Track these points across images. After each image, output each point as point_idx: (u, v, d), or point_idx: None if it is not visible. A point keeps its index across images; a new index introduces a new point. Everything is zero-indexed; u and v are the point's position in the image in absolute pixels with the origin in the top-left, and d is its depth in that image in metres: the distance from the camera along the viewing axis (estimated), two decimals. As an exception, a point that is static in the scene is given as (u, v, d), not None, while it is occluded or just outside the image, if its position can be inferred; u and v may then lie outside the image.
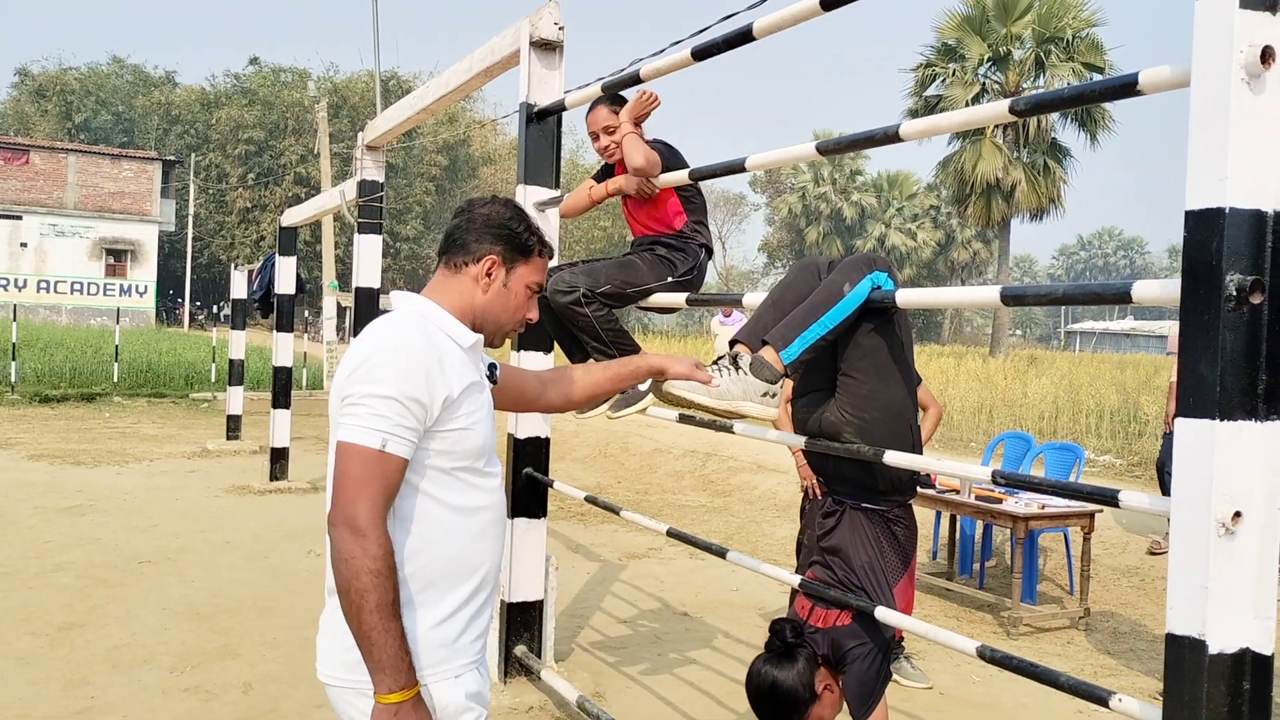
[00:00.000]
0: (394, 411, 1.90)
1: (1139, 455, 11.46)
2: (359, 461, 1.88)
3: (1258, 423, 1.74)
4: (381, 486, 1.89)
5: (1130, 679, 5.31)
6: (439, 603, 2.00)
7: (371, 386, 1.90)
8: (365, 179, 7.64)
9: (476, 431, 2.03)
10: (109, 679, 4.71)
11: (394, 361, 1.93)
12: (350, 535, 1.85)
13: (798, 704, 2.79)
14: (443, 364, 1.97)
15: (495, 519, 2.11)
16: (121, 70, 60.00)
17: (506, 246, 2.12)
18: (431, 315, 2.07)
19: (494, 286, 2.12)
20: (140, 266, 45.06)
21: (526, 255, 2.14)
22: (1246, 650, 1.75)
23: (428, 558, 1.99)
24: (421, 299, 2.10)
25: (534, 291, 2.19)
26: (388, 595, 1.85)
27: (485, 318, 2.13)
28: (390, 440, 1.89)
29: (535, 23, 4.57)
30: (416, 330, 2.00)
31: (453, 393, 1.97)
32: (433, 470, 1.99)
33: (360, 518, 1.86)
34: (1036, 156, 27.58)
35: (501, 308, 2.14)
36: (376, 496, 1.88)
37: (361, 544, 1.85)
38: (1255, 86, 1.71)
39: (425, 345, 1.97)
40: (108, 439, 13.01)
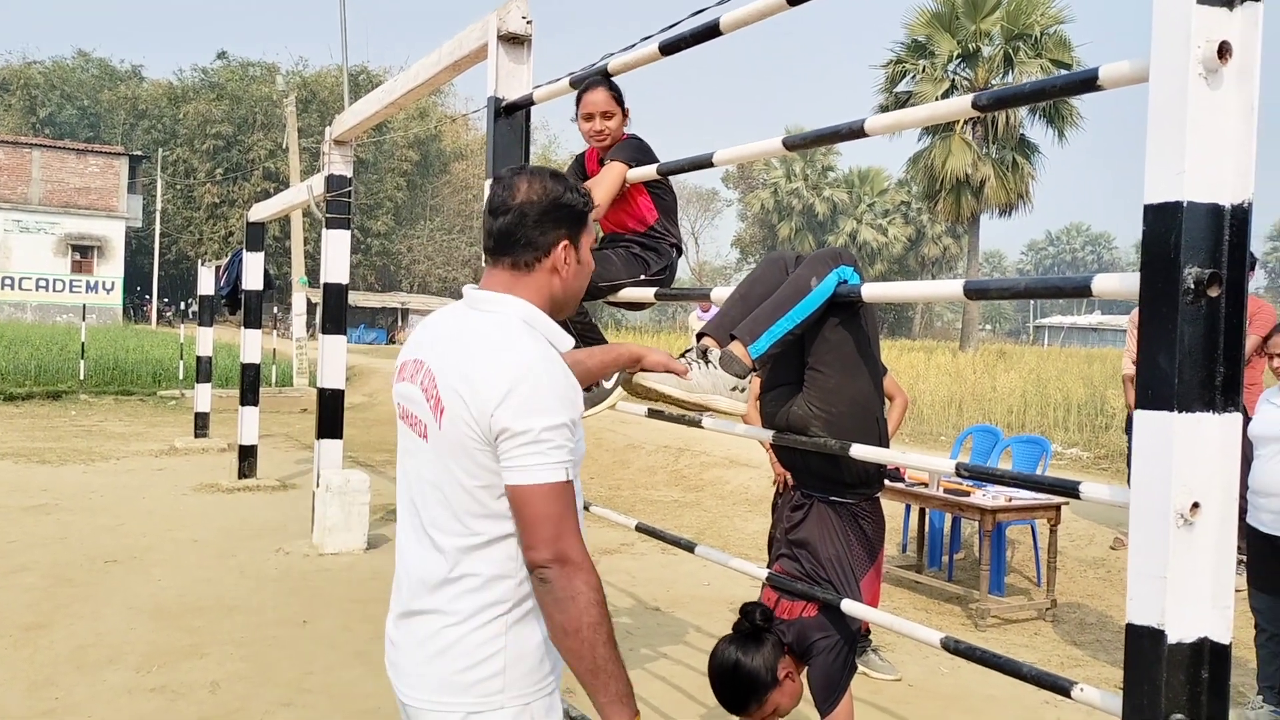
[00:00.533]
0: (566, 438, 1.84)
1: (1105, 448, 11.58)
2: (553, 498, 1.82)
3: (1215, 414, 1.75)
4: (575, 516, 1.85)
5: (1096, 669, 5.37)
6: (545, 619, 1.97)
7: (543, 418, 1.81)
8: (333, 174, 7.59)
9: (582, 434, 1.98)
10: (74, 679, 4.66)
11: (551, 385, 1.85)
12: (570, 571, 1.81)
13: (757, 687, 2.79)
14: (570, 374, 1.91)
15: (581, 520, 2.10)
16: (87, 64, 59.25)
17: (570, 225, 1.99)
18: (535, 320, 1.96)
19: (573, 269, 2.01)
20: (107, 263, 44.55)
21: (585, 222, 2.03)
22: (1205, 639, 1.77)
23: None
24: (519, 302, 1.96)
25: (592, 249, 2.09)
26: (610, 624, 1.84)
27: (568, 300, 2.05)
28: (570, 467, 1.86)
29: (503, 16, 4.54)
30: (539, 343, 1.91)
31: (580, 403, 1.92)
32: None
33: (574, 551, 1.82)
34: (1005, 153, 27.81)
35: (581, 283, 2.06)
36: (577, 526, 1.85)
37: (584, 577, 1.82)
38: (1212, 81, 1.73)
39: (557, 357, 1.92)
40: (74, 437, 12.86)
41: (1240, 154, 1.76)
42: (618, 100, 3.72)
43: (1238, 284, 1.75)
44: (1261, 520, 4.56)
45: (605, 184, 3.60)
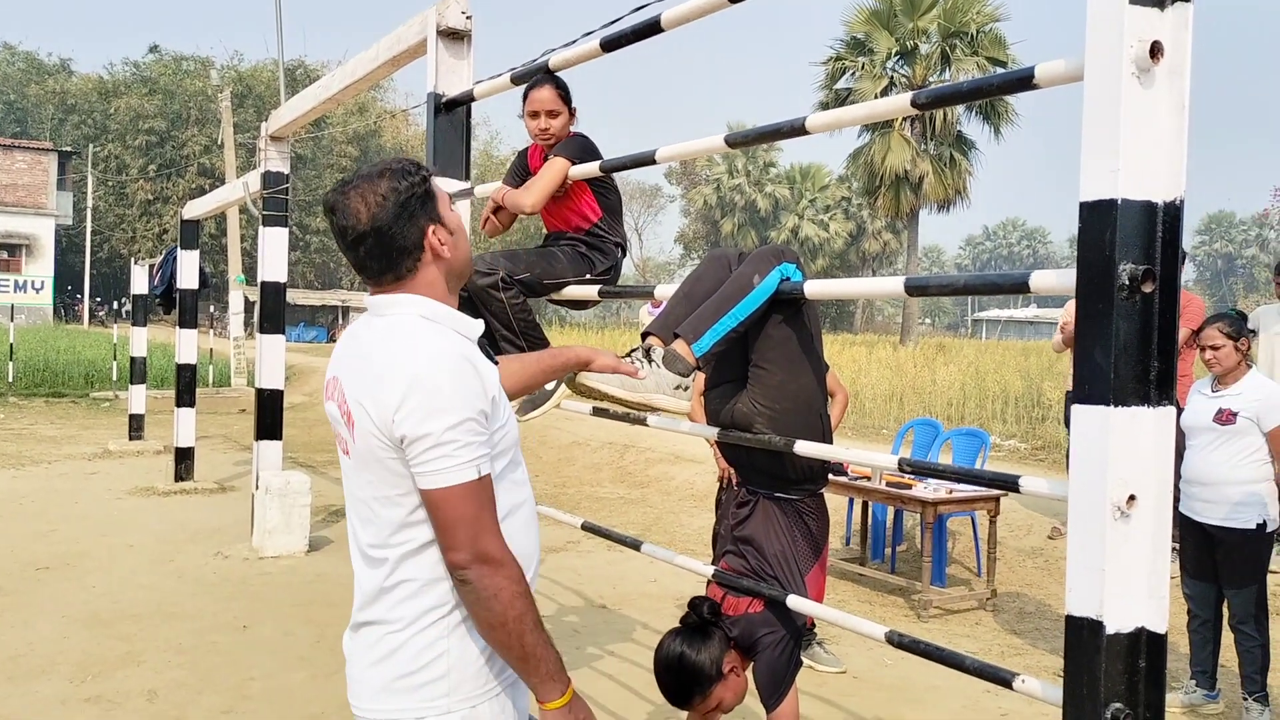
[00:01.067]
0: (473, 434, 1.81)
1: (1042, 439, 11.80)
2: (466, 498, 1.81)
3: (1150, 408, 1.78)
4: (491, 511, 1.84)
5: (1036, 658, 5.46)
6: None
7: (440, 420, 1.78)
8: (270, 170, 7.46)
9: (510, 425, 1.95)
10: (5, 691, 4.53)
11: (449, 382, 1.80)
12: (490, 570, 1.81)
13: (701, 679, 2.80)
14: (476, 366, 1.87)
15: (533, 510, 2.06)
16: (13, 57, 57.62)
17: (424, 209, 1.92)
18: (436, 315, 1.92)
19: (449, 244, 1.95)
20: (36, 261, 43.40)
21: (434, 196, 1.95)
22: (1142, 629, 1.80)
23: None
24: (416, 299, 1.92)
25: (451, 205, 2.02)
26: (534, 611, 1.85)
27: (461, 269, 2.01)
28: (481, 463, 1.83)
29: (442, 11, 4.49)
30: (441, 339, 1.87)
31: (493, 391, 1.88)
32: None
33: (492, 548, 1.82)
34: (943, 149, 28.22)
35: (463, 249, 2.01)
36: (494, 521, 1.84)
37: (504, 572, 1.82)
38: (1145, 80, 1.76)
39: (461, 351, 1.86)
40: (2, 441, 12.51)
41: (1173, 152, 1.79)
42: (564, 99, 3.70)
43: (1171, 280, 1.78)
44: (1194, 509, 4.67)
45: (545, 178, 3.58)
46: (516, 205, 3.65)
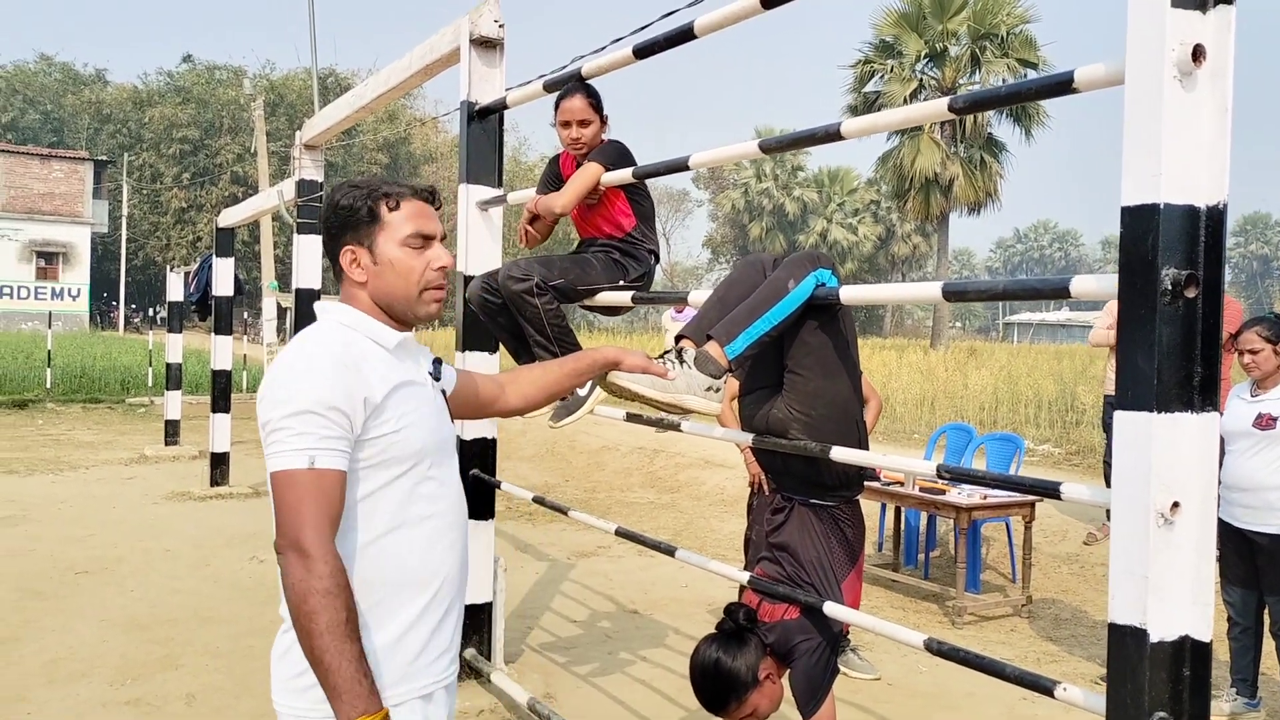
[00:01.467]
0: (313, 425, 1.81)
1: (1077, 444, 11.68)
2: (292, 486, 1.80)
3: (1194, 414, 1.77)
4: (321, 505, 1.80)
5: (1072, 665, 5.41)
6: (391, 619, 1.91)
7: (285, 407, 1.82)
8: (304, 178, 7.54)
9: (411, 433, 1.93)
10: (46, 694, 4.59)
11: (304, 375, 1.85)
12: (296, 559, 1.78)
13: (737, 686, 2.79)
14: (360, 368, 1.88)
15: (449, 525, 2.01)
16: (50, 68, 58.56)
17: (348, 230, 1.98)
18: (353, 321, 1.98)
19: (368, 271, 1.98)
20: (72, 269, 44.03)
21: (374, 220, 1.97)
22: (1186, 637, 1.79)
23: (371, 573, 1.90)
24: (341, 307, 2.01)
25: (416, 244, 1.99)
26: (339, 615, 1.76)
27: (387, 300, 1.99)
28: (318, 455, 1.81)
29: (475, 20, 4.53)
30: (332, 338, 1.92)
31: (373, 395, 1.87)
32: (369, 481, 1.90)
33: (305, 540, 1.78)
34: (973, 151, 28.03)
35: (392, 283, 1.98)
36: (317, 516, 1.79)
37: (307, 565, 1.77)
38: (1187, 84, 1.74)
39: (339, 351, 1.89)
40: (41, 446, 12.68)
41: (1215, 156, 1.78)
42: (595, 107, 3.71)
43: (1214, 284, 1.77)
44: (1234, 515, 4.61)
45: (579, 181, 3.59)
46: (548, 209, 3.66)
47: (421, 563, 1.95)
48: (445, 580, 1.99)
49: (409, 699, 1.91)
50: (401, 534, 1.93)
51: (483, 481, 4.65)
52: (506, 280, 3.53)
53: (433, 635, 1.96)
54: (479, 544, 4.68)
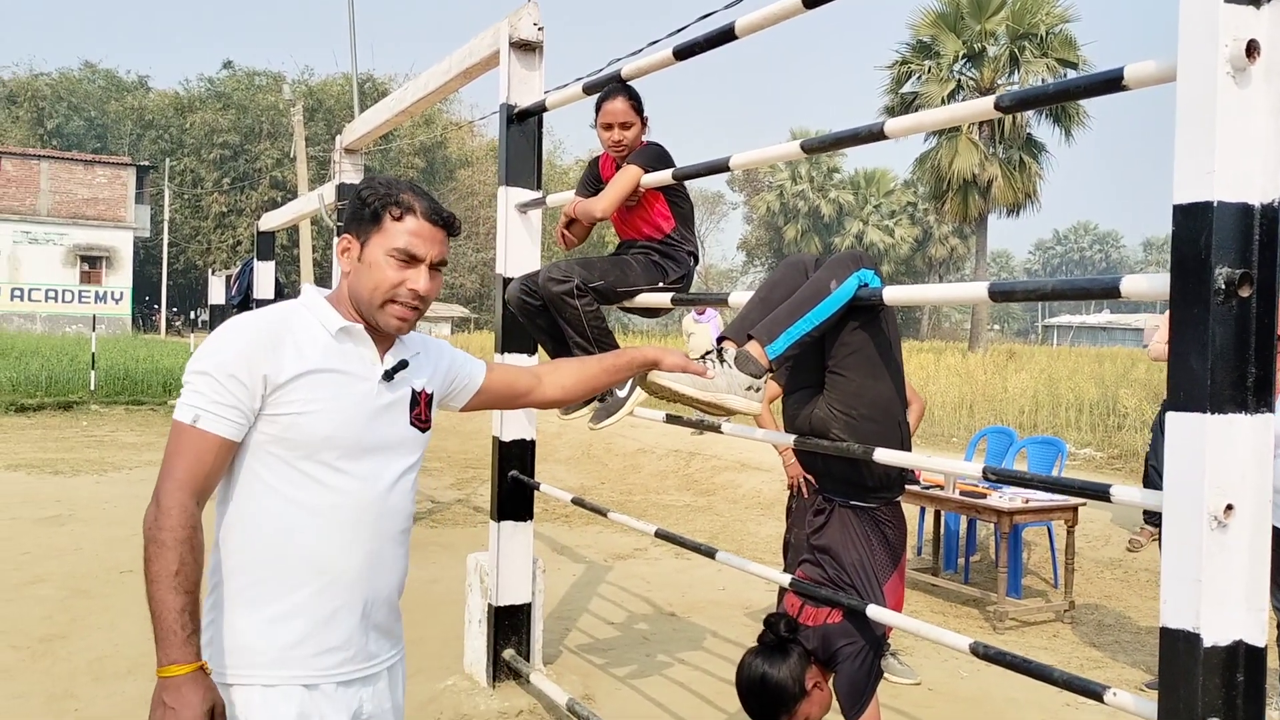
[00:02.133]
0: (207, 387, 1.87)
1: (1119, 447, 11.53)
2: (175, 438, 1.87)
3: (1247, 415, 1.74)
4: (190, 462, 1.85)
5: (1117, 671, 5.34)
6: (268, 602, 1.93)
7: (194, 364, 1.90)
8: (344, 182, 7.60)
9: (317, 419, 1.92)
10: (93, 691, 4.66)
11: (220, 340, 1.91)
12: (151, 507, 1.84)
13: (786, 699, 2.78)
14: (279, 345, 1.92)
15: (354, 521, 1.98)
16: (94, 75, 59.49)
17: (354, 222, 2.03)
18: (310, 303, 2.03)
19: (352, 265, 2.02)
20: (115, 273, 44.69)
21: (376, 221, 1.99)
22: (1240, 642, 1.76)
23: (259, 549, 1.93)
24: (314, 291, 2.07)
25: (401, 259, 1.98)
26: (169, 565, 1.80)
27: (358, 299, 2.01)
28: (203, 416, 1.86)
29: (514, 23, 4.55)
30: (274, 313, 1.99)
31: (279, 373, 1.90)
32: (269, 457, 1.93)
33: (162, 490, 1.84)
34: (1012, 152, 27.75)
35: (363, 284, 1.99)
36: (182, 472, 1.85)
37: (157, 514, 1.82)
38: (1241, 80, 1.72)
39: (266, 325, 1.94)
40: (86, 447, 12.88)
41: (1269, 152, 1.75)
42: (636, 109, 3.71)
43: (1269, 283, 1.74)
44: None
45: (618, 185, 3.60)
46: (588, 213, 3.67)
47: (311, 551, 1.95)
48: (341, 576, 1.97)
49: (286, 684, 1.92)
50: (293, 517, 1.94)
51: (521, 483, 4.67)
52: (547, 282, 3.54)
53: (319, 628, 1.95)
54: (517, 545, 4.70)
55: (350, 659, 1.99)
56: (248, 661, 1.92)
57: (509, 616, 4.71)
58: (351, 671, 2.00)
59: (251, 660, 1.92)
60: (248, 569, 1.93)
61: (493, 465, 4.70)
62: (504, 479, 4.67)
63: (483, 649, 4.71)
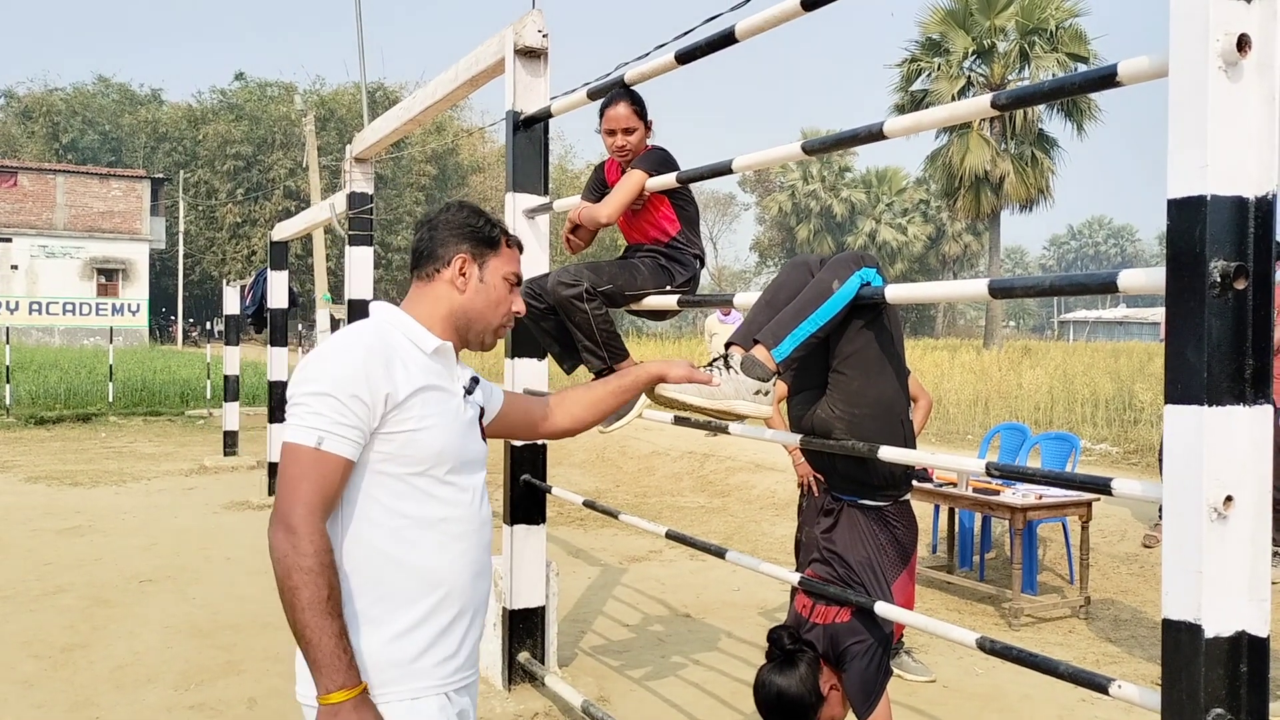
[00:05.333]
0: (330, 408, 1.87)
1: (1135, 443, 11.49)
2: (295, 461, 1.86)
3: (1245, 407, 1.75)
4: (318, 485, 1.85)
5: (1133, 665, 5.32)
6: (392, 619, 1.94)
7: (309, 385, 1.89)
8: (355, 191, 7.65)
9: (431, 435, 1.97)
10: (113, 699, 4.71)
11: (333, 359, 1.91)
12: (283, 534, 1.83)
13: (806, 709, 2.81)
14: (390, 363, 1.94)
15: (463, 533, 2.03)
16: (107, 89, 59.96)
17: (473, 243, 2.10)
18: (397, 321, 2.05)
19: (470, 284, 2.09)
20: (132, 285, 45.02)
21: (494, 247, 2.12)
22: (1243, 633, 1.77)
23: (377, 568, 1.94)
24: (392, 308, 2.10)
25: (513, 283, 2.16)
26: (320, 592, 1.81)
27: (469, 317, 2.11)
28: (327, 438, 1.86)
29: (519, 30, 4.58)
30: (369, 332, 1.99)
31: (397, 391, 1.92)
32: (383, 475, 1.95)
33: (294, 516, 1.83)
34: (1024, 148, 27.68)
35: (484, 303, 2.11)
36: (311, 495, 1.84)
37: (292, 541, 1.82)
38: (1232, 74, 1.73)
39: (371, 342, 1.95)
40: (104, 459, 12.99)
41: (1263, 146, 1.76)
42: (639, 114, 3.73)
43: (1264, 276, 1.75)
44: (1295, 511, 4.52)
45: (622, 190, 3.62)
46: (593, 219, 3.69)
47: (429, 565, 1.98)
48: (455, 587, 2.01)
49: (403, 699, 1.93)
50: (409, 533, 1.96)
51: (534, 486, 4.69)
52: (556, 286, 3.56)
53: (437, 639, 1.98)
54: (530, 548, 4.72)
55: (461, 666, 2.04)
56: (385, 679, 1.92)
57: (523, 620, 4.74)
58: (463, 679, 2.04)
59: (385, 677, 1.92)
60: (367, 588, 1.94)
61: (505, 470, 4.73)
62: (516, 483, 4.69)
63: (498, 652, 4.74)
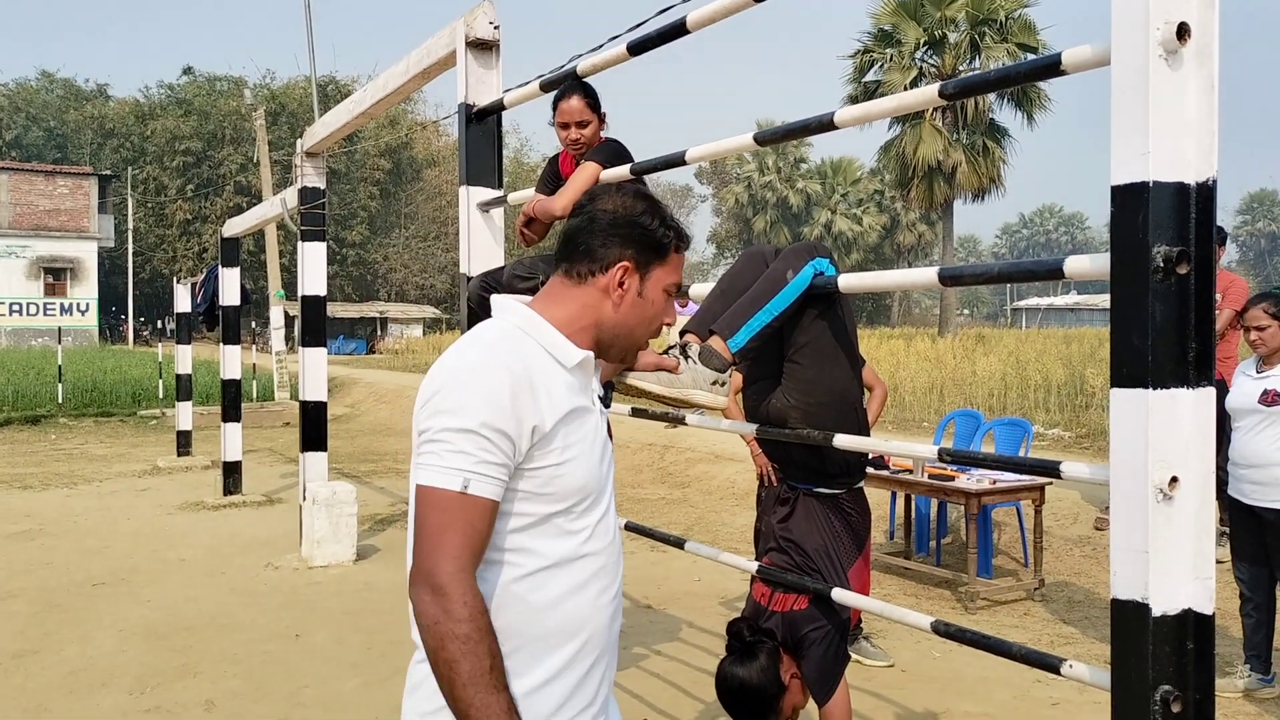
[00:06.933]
0: (476, 447, 1.61)
1: (1087, 427, 11.67)
2: (438, 508, 1.60)
3: (1189, 389, 1.78)
4: (466, 535, 1.60)
5: (1087, 646, 5.42)
6: (531, 670, 1.70)
7: (447, 419, 1.62)
8: (306, 186, 7.57)
9: (575, 466, 1.72)
10: (67, 704, 4.64)
11: (473, 386, 1.63)
12: (430, 595, 1.57)
13: (768, 699, 2.83)
14: (534, 388, 1.67)
15: (604, 568, 1.79)
16: (51, 85, 58.79)
17: (640, 248, 1.79)
18: (533, 329, 1.76)
19: (629, 297, 1.80)
20: (80, 284, 44.23)
21: (663, 255, 1.82)
22: (1189, 611, 1.80)
23: (515, 617, 1.69)
24: (525, 310, 1.79)
25: (671, 294, 1.86)
26: (482, 663, 1.56)
27: (618, 332, 1.82)
28: (474, 480, 1.60)
29: (470, 22, 4.54)
30: (505, 347, 1.70)
31: (544, 423, 1.67)
32: (519, 515, 1.69)
33: (441, 573, 1.57)
34: (975, 138, 27.97)
35: (638, 319, 1.82)
36: (460, 547, 1.59)
37: (444, 605, 1.56)
38: (1173, 62, 1.75)
39: (512, 364, 1.67)
40: (55, 461, 12.76)
41: (1203, 132, 1.79)
42: (593, 107, 3.73)
43: (1206, 260, 1.78)
44: (1242, 491, 4.61)
45: (576, 182, 3.62)
46: (547, 212, 3.68)
47: (572, 608, 1.74)
48: (594, 630, 1.78)
49: None
50: (551, 575, 1.73)
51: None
52: (512, 279, 3.55)
53: (577, 688, 1.75)
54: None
55: (598, 713, 1.81)
56: None
57: (484, 615, 4.71)
58: None
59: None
60: (505, 637, 1.66)
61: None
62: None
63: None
